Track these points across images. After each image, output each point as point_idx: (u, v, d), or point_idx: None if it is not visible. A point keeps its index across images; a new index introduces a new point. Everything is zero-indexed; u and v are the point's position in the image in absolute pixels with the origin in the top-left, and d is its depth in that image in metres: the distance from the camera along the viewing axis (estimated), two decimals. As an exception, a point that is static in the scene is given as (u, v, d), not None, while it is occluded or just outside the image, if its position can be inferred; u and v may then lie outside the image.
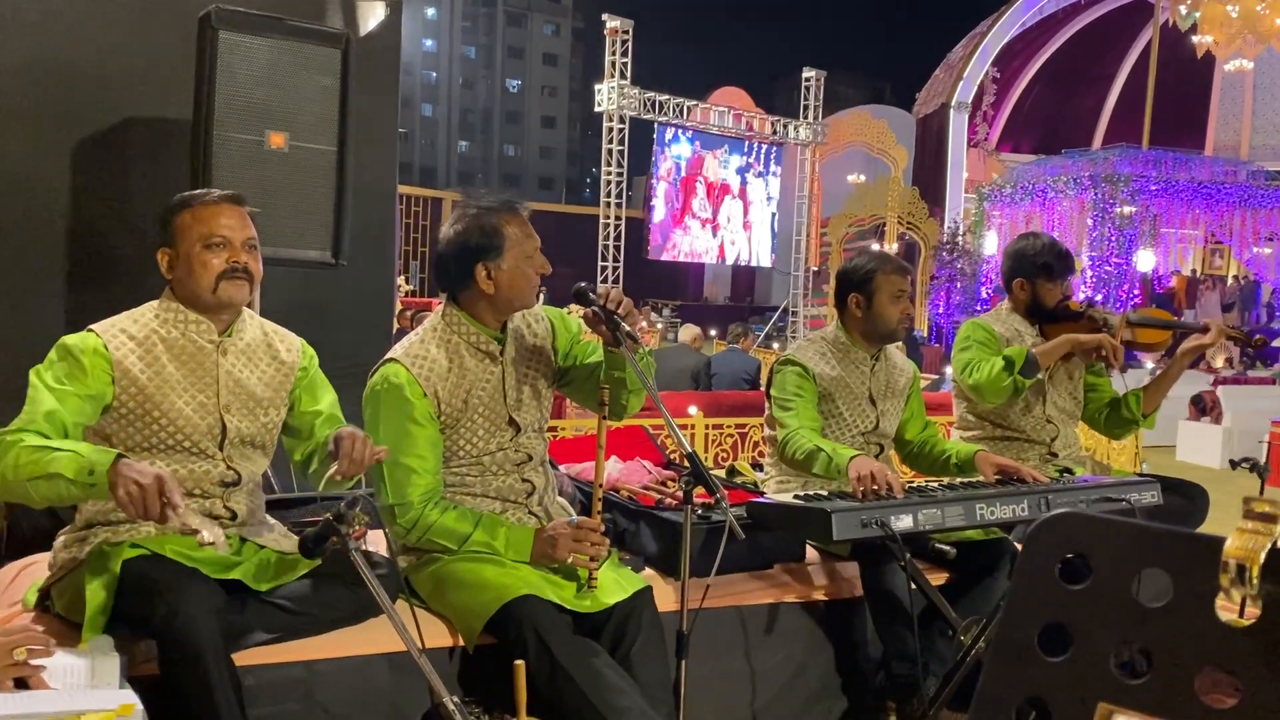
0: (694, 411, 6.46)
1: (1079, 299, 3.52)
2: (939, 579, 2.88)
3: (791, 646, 2.79)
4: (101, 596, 2.01)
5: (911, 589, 2.53)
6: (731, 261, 24.38)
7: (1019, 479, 2.87)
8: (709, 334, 13.61)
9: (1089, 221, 18.27)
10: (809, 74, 21.27)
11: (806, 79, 21.38)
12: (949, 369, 5.28)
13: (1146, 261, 18.11)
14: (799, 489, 2.94)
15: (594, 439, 2.45)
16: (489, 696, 2.23)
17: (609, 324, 2.33)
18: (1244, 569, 0.71)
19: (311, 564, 2.19)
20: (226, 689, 1.91)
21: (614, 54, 18.57)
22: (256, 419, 2.29)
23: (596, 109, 19.22)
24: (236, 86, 3.02)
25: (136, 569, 2.02)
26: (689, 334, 9.10)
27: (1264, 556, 0.71)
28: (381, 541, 2.56)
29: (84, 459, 1.88)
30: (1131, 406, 3.44)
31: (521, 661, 1.99)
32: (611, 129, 18.85)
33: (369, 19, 3.81)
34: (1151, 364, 10.55)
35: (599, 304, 2.34)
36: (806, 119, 21.57)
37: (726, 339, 9.43)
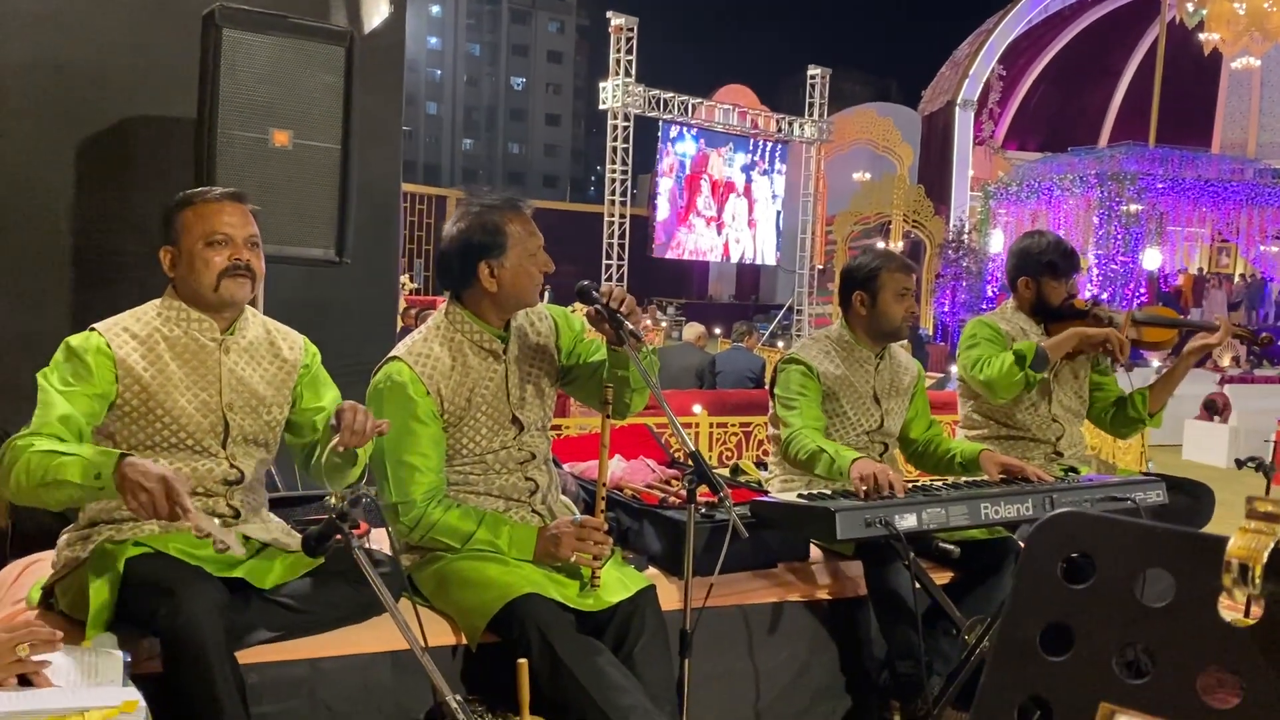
0: (698, 410, 6.46)
1: (1085, 297, 3.51)
2: (943, 578, 2.87)
3: (795, 646, 2.78)
4: (105, 594, 2.01)
5: (916, 588, 2.52)
6: (736, 259, 24.38)
7: (1024, 478, 2.86)
8: (713, 332, 13.61)
9: (1095, 220, 18.23)
10: (814, 71, 21.25)
11: (812, 76, 21.36)
12: (954, 367, 5.26)
13: (1153, 260, 18.07)
14: (803, 488, 2.93)
15: (597, 437, 2.45)
16: (492, 695, 2.23)
17: (612, 322, 2.32)
18: (1247, 569, 0.70)
19: (315, 562, 2.19)
20: (230, 687, 1.91)
21: (619, 51, 18.58)
22: (259, 417, 2.29)
23: (601, 106, 19.24)
24: (240, 84, 3.02)
25: (140, 567, 2.02)
26: (693, 332, 9.10)
27: (1267, 556, 0.70)
28: (385, 540, 2.57)
29: (89, 463, 1.89)
30: (1138, 405, 3.43)
31: (525, 660, 1.98)
32: (616, 127, 18.85)
33: (373, 16, 3.81)
34: (1158, 362, 10.52)
35: (602, 302, 2.34)
36: (811, 116, 21.56)
37: (731, 337, 9.43)
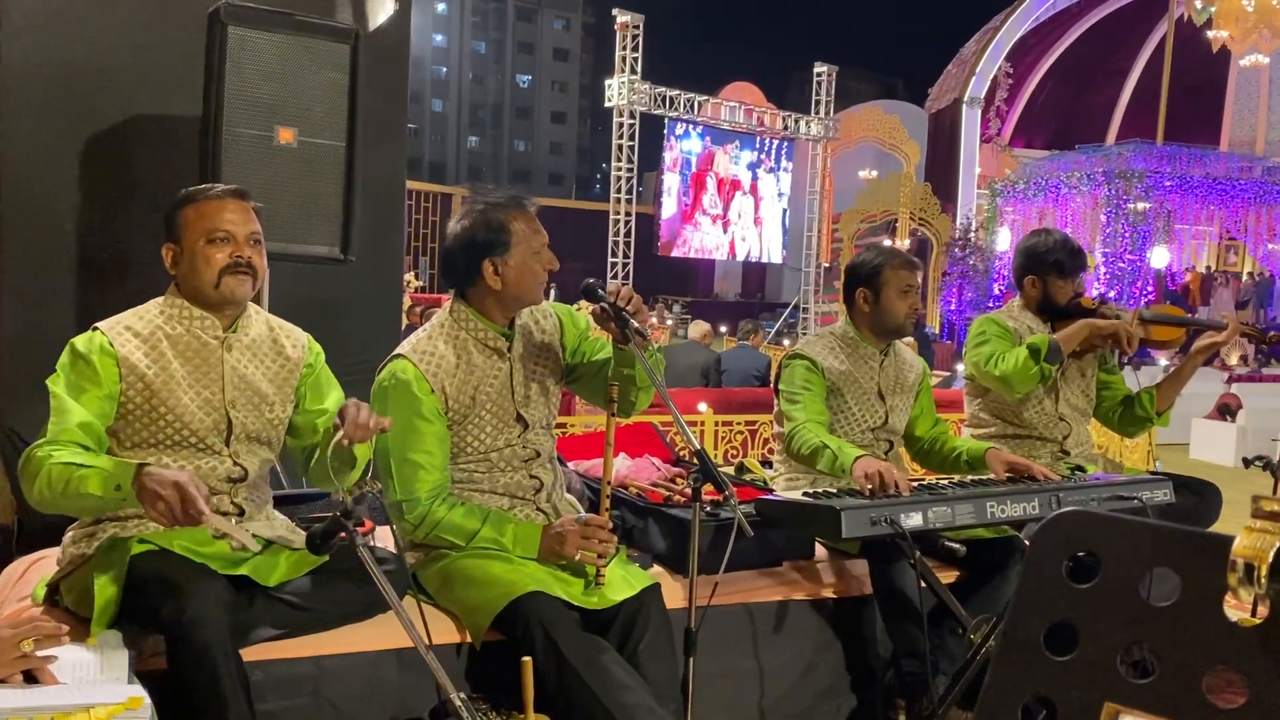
0: (703, 408, 6.46)
1: (1092, 296, 3.50)
2: (949, 577, 2.87)
3: (800, 644, 2.78)
4: (110, 591, 2.01)
5: (921, 587, 2.51)
6: (742, 257, 24.37)
7: (1030, 477, 2.85)
8: (719, 330, 13.60)
9: (1102, 218, 18.19)
10: (820, 69, 21.21)
11: (818, 74, 21.32)
12: (960, 366, 5.25)
13: (1160, 258, 18.02)
14: (808, 486, 2.93)
15: (602, 435, 2.45)
16: (496, 693, 2.23)
17: (618, 321, 2.32)
18: (1252, 568, 0.70)
19: (319, 560, 2.19)
20: (234, 684, 1.91)
21: (624, 49, 18.56)
22: (262, 415, 2.29)
23: (607, 104, 19.23)
24: (245, 82, 3.02)
25: (145, 564, 2.02)
26: (699, 330, 9.08)
27: (1272, 556, 0.70)
28: (389, 538, 2.57)
29: (109, 474, 1.93)
30: (1145, 404, 3.42)
31: (529, 658, 1.98)
32: (622, 124, 18.84)
33: (378, 14, 3.81)
34: (1165, 360, 10.50)
35: (608, 300, 2.33)
36: (818, 114, 21.52)
37: (737, 335, 9.41)
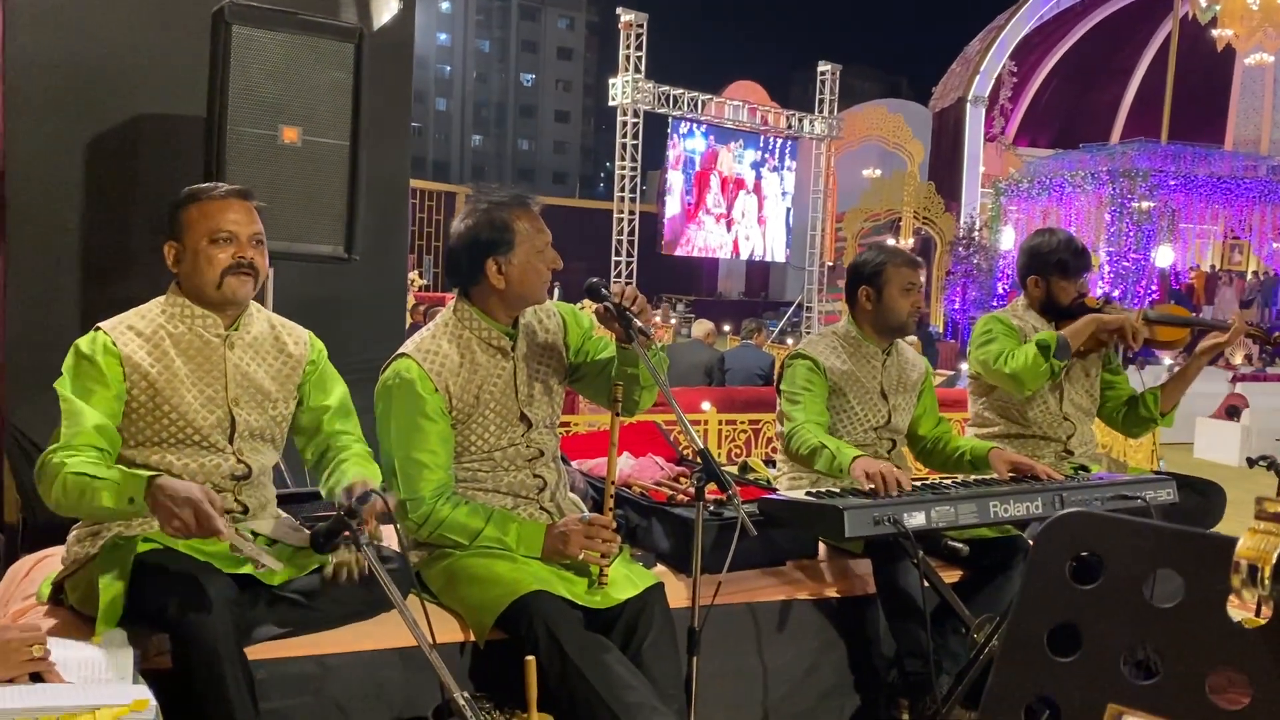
0: (707, 407, 6.46)
1: (1097, 296, 3.49)
2: (952, 576, 2.87)
3: (804, 644, 2.78)
4: (115, 590, 2.02)
5: (924, 586, 2.51)
6: (746, 256, 24.32)
7: (1033, 476, 2.85)
8: (723, 329, 13.58)
9: (1107, 217, 18.16)
10: (824, 67, 21.17)
11: (822, 72, 21.29)
12: (965, 365, 5.24)
13: (1165, 257, 17.98)
14: (811, 486, 2.93)
15: (606, 435, 2.45)
16: (500, 692, 2.23)
17: (621, 320, 2.32)
18: (1256, 570, 0.70)
19: (323, 559, 2.19)
20: (239, 682, 1.92)
21: (628, 48, 18.54)
22: (265, 412, 2.30)
23: (610, 103, 19.19)
24: (249, 81, 3.02)
25: (150, 563, 2.03)
26: (702, 329, 9.08)
27: (1276, 557, 0.69)
28: (393, 536, 2.57)
29: (121, 488, 1.95)
30: (1149, 405, 3.41)
31: (532, 657, 1.99)
32: (625, 123, 18.82)
33: (382, 13, 3.81)
34: (1169, 360, 10.48)
35: (612, 300, 2.33)
36: (822, 113, 21.49)
37: (740, 334, 9.41)
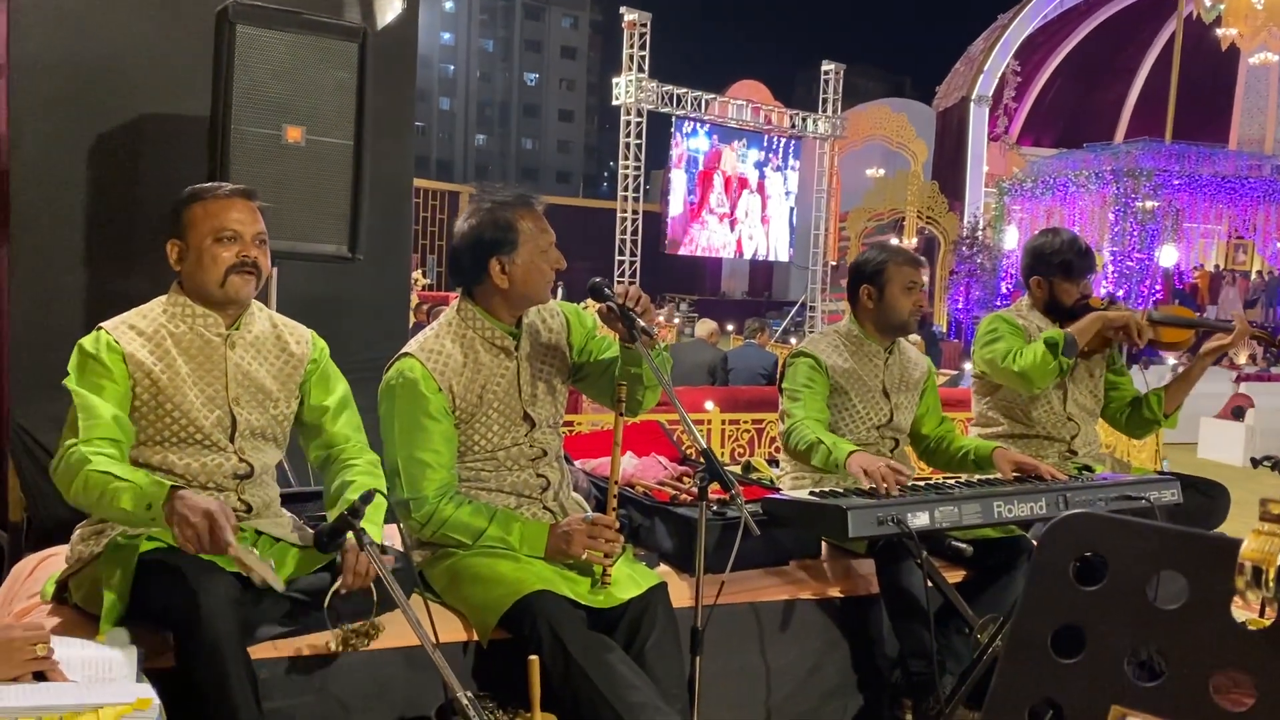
0: (710, 407, 6.46)
1: (1101, 295, 3.48)
2: (956, 577, 2.86)
3: (807, 643, 2.78)
4: (119, 589, 2.02)
5: (928, 586, 2.51)
6: (749, 256, 24.32)
7: (1037, 476, 2.84)
8: (726, 329, 13.58)
9: (1110, 216, 18.13)
10: (828, 67, 21.17)
11: (825, 72, 21.28)
12: (969, 365, 5.24)
13: (1169, 257, 17.96)
14: (814, 485, 2.93)
15: (609, 434, 2.45)
16: (503, 691, 2.23)
17: (625, 320, 2.32)
18: (1260, 571, 0.70)
19: (327, 558, 2.19)
20: (243, 681, 1.92)
21: (632, 47, 18.55)
22: (266, 411, 2.30)
23: (614, 102, 19.21)
24: (254, 81, 3.02)
25: (153, 562, 2.03)
26: (706, 329, 9.08)
27: (1281, 559, 0.69)
28: (396, 536, 2.57)
29: (142, 493, 1.95)
30: (1153, 406, 3.40)
31: (536, 657, 1.99)
32: (629, 122, 18.82)
33: (386, 12, 3.81)
34: (1173, 360, 10.45)
35: (614, 300, 2.33)
36: (825, 112, 21.48)
37: (743, 334, 9.41)
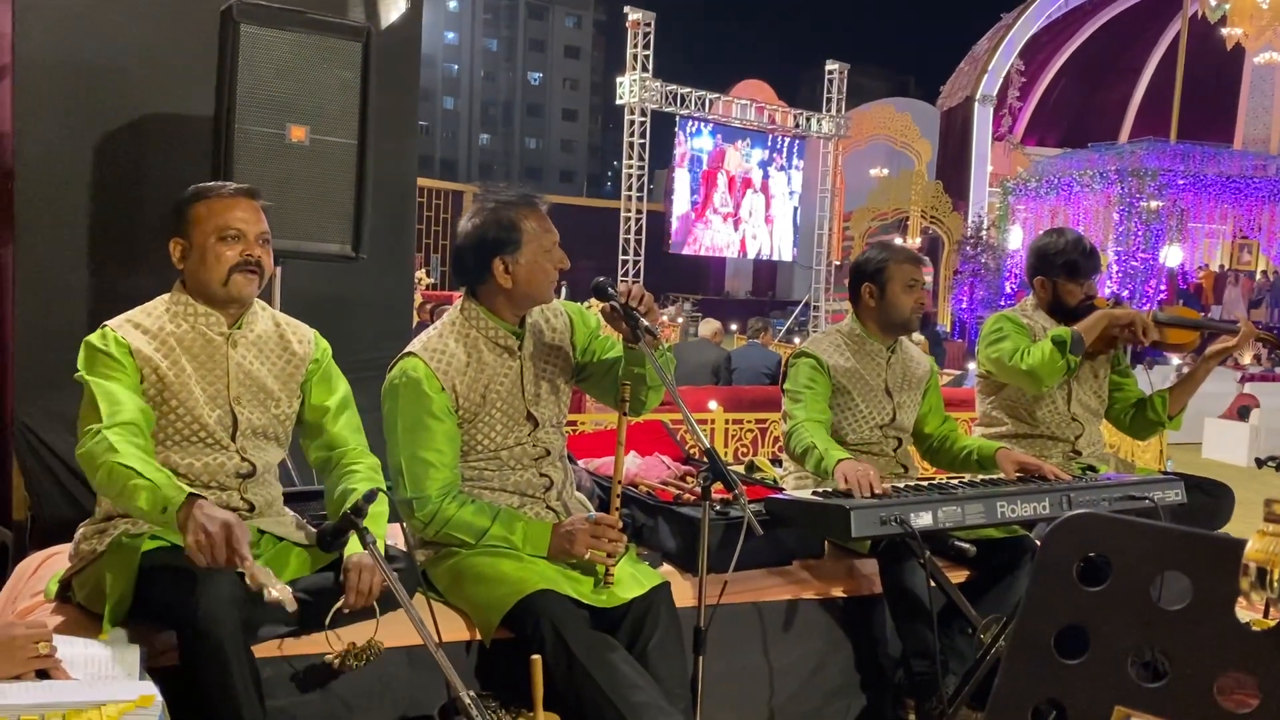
0: (714, 406, 6.46)
1: (1106, 296, 3.48)
2: (959, 577, 2.86)
3: (810, 643, 2.77)
4: (122, 587, 2.03)
5: (931, 586, 2.51)
6: (753, 255, 24.32)
7: (1041, 476, 2.84)
8: (729, 328, 13.58)
9: (1115, 216, 18.12)
10: (832, 66, 21.16)
11: (830, 72, 21.27)
12: (972, 364, 5.23)
13: (1173, 257, 17.93)
14: (818, 485, 2.92)
15: (613, 434, 2.45)
16: (506, 691, 2.23)
17: (628, 319, 2.32)
18: (1265, 572, 0.69)
19: (330, 557, 2.20)
20: (247, 680, 1.92)
21: (635, 46, 18.55)
22: (268, 410, 2.30)
23: (618, 102, 19.23)
24: (258, 80, 3.02)
25: (157, 561, 2.04)
26: (709, 328, 9.09)
27: (1286, 560, 0.69)
28: (399, 535, 2.57)
29: (160, 494, 1.93)
30: (1157, 408, 3.40)
31: (538, 656, 1.99)
32: (633, 122, 18.83)
33: (390, 12, 3.82)
34: (1178, 359, 10.44)
35: (618, 299, 2.33)
36: (829, 112, 21.47)
37: (747, 334, 9.41)
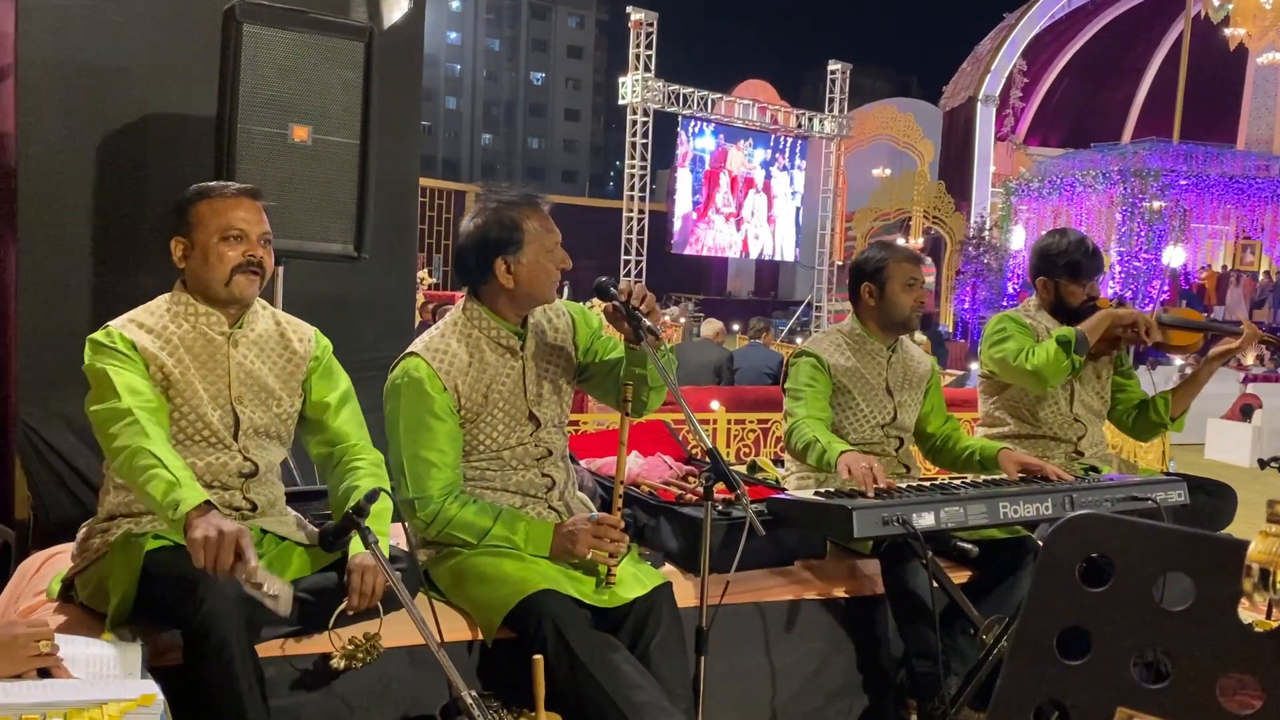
0: (716, 406, 6.46)
1: (1109, 296, 3.48)
2: (961, 577, 2.86)
3: (812, 643, 2.77)
4: (125, 587, 2.03)
5: (933, 587, 2.51)
6: (755, 256, 24.30)
7: (1043, 477, 2.84)
8: (731, 329, 13.58)
9: (1118, 216, 18.10)
10: (834, 66, 21.15)
11: (832, 72, 21.26)
12: (975, 365, 5.22)
13: (1176, 257, 17.91)
14: (820, 485, 2.92)
15: (615, 434, 2.45)
16: (507, 691, 2.23)
17: (630, 320, 2.32)
18: (1267, 573, 0.69)
19: (332, 557, 2.20)
20: (250, 679, 1.93)
21: (638, 46, 18.55)
22: (269, 409, 2.30)
23: (620, 102, 19.22)
24: (260, 80, 3.03)
25: (160, 560, 2.04)
26: (711, 328, 9.09)
27: (1289, 561, 0.69)
28: (401, 535, 2.57)
29: (175, 491, 1.92)
30: (1160, 409, 3.39)
31: (540, 656, 1.99)
32: (635, 122, 18.83)
33: (392, 12, 3.82)
34: (1180, 360, 10.43)
35: (620, 300, 2.33)
36: (832, 112, 21.46)
37: (748, 334, 9.41)
